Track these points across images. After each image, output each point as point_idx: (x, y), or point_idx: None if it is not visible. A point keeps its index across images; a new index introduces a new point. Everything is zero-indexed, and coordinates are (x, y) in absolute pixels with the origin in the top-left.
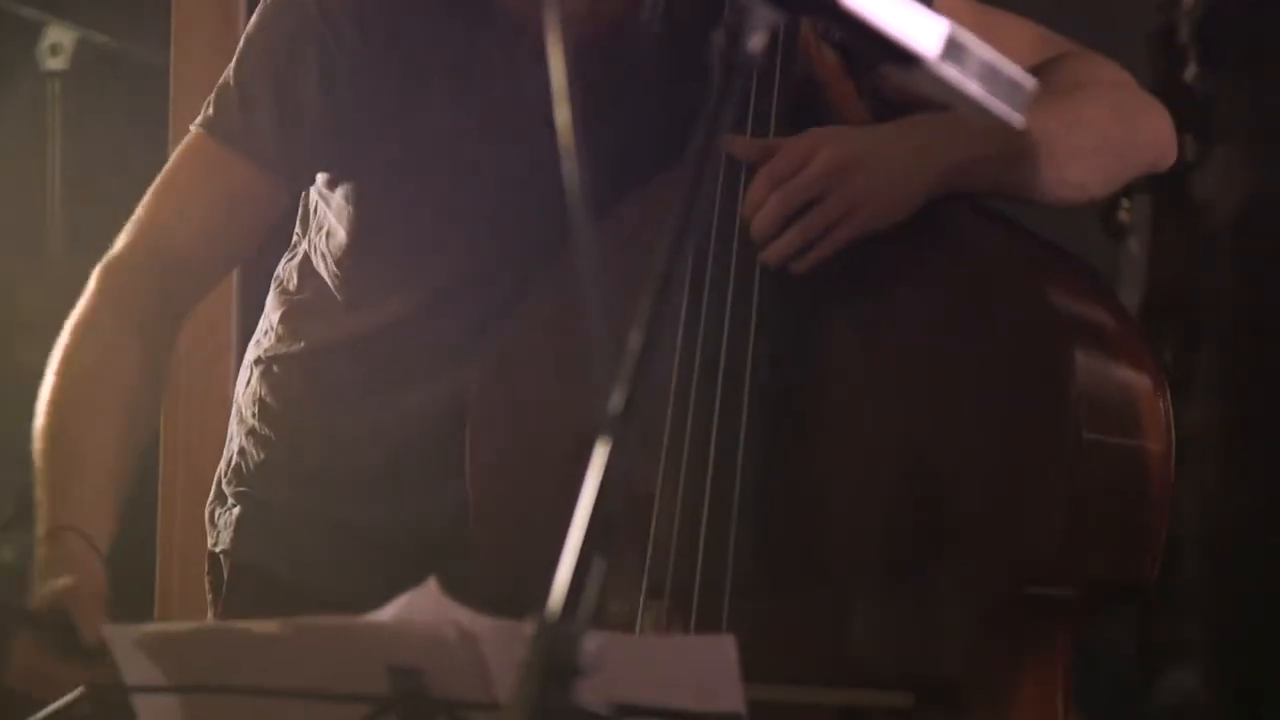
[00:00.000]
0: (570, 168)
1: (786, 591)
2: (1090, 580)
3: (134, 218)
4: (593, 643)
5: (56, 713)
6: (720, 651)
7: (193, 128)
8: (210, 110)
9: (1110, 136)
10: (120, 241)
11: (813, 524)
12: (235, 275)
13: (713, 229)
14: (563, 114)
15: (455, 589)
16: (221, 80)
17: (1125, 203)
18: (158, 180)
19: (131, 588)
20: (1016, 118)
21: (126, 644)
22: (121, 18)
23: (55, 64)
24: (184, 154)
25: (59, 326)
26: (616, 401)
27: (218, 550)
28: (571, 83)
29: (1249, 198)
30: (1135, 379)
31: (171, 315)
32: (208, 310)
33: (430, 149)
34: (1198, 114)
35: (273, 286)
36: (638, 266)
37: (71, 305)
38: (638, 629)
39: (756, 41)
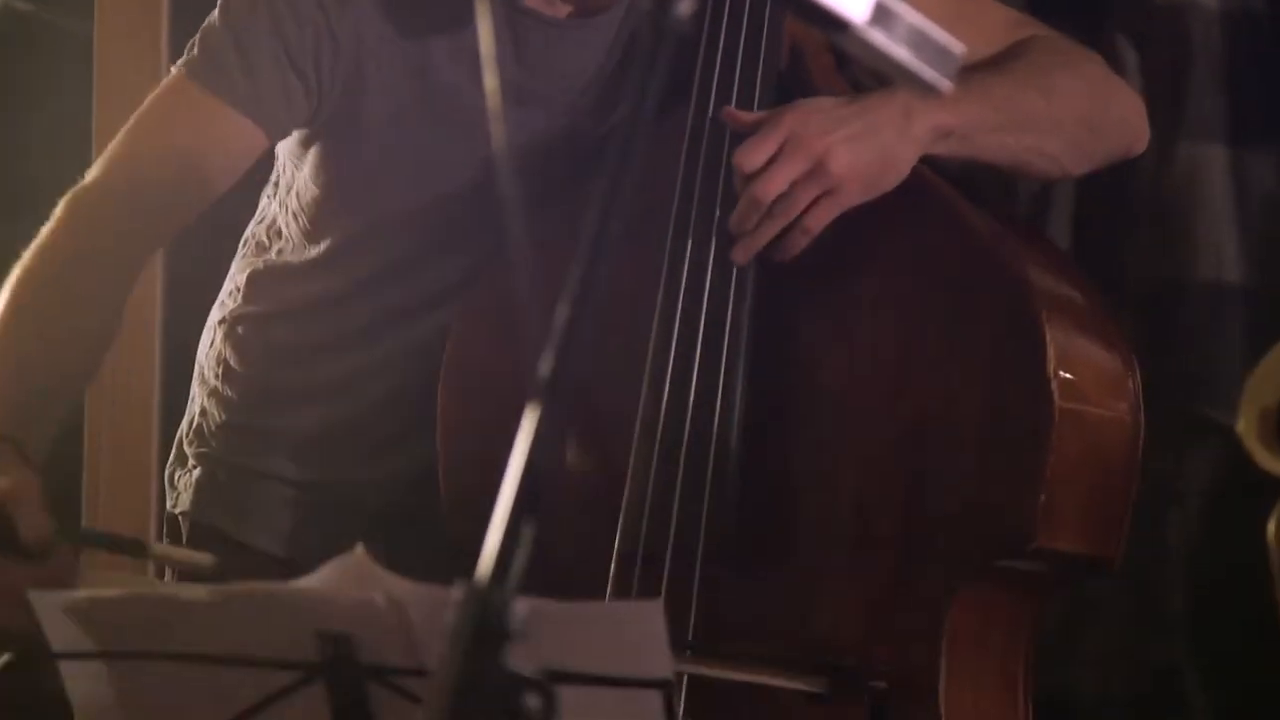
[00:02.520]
0: (498, 132)
1: (759, 560)
2: (1061, 555)
3: (110, 152)
4: (522, 608)
5: None
6: (649, 618)
7: (180, 68)
8: (198, 55)
9: (1087, 112)
10: (93, 173)
11: (788, 493)
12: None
13: (693, 198)
14: (491, 80)
15: (417, 551)
16: (210, 23)
17: None
18: (140, 115)
19: None
20: (945, 84)
21: (53, 609)
22: None
23: None
24: (172, 96)
25: None
26: (545, 367)
27: (176, 512)
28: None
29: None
30: (1108, 354)
31: (138, 250)
32: None
33: (424, 108)
34: None
35: (240, 249)
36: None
37: None
38: (609, 591)
39: (685, 6)
